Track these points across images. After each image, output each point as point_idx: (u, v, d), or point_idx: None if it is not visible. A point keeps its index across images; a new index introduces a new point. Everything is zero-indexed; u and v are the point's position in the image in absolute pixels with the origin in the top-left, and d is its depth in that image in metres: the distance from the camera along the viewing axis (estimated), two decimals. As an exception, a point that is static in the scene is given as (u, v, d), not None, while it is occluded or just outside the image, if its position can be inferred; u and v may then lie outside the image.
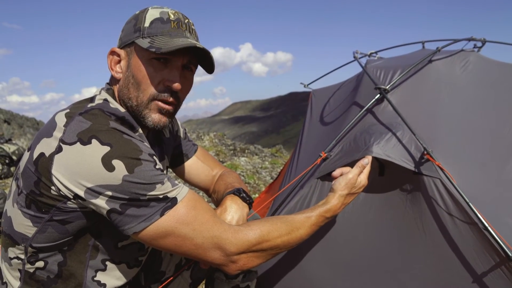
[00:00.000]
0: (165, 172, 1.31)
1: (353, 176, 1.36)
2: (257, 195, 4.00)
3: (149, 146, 1.07)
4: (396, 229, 1.56)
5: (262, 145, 8.52)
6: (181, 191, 1.02)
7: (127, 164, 0.93)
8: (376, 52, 2.57)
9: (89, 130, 0.95)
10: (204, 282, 1.51)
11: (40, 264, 1.06)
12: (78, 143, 0.93)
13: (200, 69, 1.20)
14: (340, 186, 1.34)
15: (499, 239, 1.26)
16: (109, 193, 0.92)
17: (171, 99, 1.11)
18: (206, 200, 3.86)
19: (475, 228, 1.34)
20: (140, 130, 1.14)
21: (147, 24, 1.08)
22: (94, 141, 0.93)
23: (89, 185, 0.92)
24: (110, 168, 0.92)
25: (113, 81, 1.16)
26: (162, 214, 0.97)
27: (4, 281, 1.12)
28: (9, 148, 5.17)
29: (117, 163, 0.92)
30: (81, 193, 0.93)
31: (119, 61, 1.12)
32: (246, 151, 6.70)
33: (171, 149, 1.46)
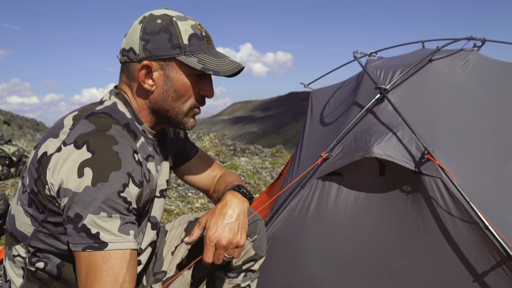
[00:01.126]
0: (165, 178, 1.31)
1: None
2: (257, 195, 4.01)
3: (144, 157, 1.10)
4: (397, 228, 1.56)
5: (262, 145, 8.52)
6: (118, 243, 0.94)
7: (94, 176, 0.92)
8: (376, 52, 2.57)
9: (86, 135, 0.96)
10: (205, 281, 1.52)
11: (40, 265, 1.07)
12: (72, 145, 0.95)
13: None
14: None
15: (500, 238, 1.26)
16: (66, 199, 0.92)
17: (203, 105, 1.21)
18: (205, 199, 3.86)
19: (476, 227, 1.34)
20: (143, 139, 1.15)
21: (186, 41, 1.10)
22: (84, 146, 0.95)
23: (62, 187, 0.93)
24: (80, 174, 0.92)
25: (140, 91, 1.14)
26: (84, 249, 0.92)
27: (8, 278, 1.13)
28: (9, 149, 5.16)
29: (87, 171, 0.92)
30: (58, 194, 0.94)
31: (146, 73, 1.11)
32: (246, 151, 6.70)
33: (174, 149, 1.46)
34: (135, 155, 1.04)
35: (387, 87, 1.71)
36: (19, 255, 1.08)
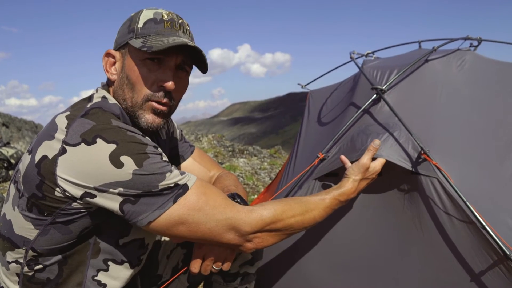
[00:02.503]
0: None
1: (366, 161, 1.41)
2: (255, 196, 4.00)
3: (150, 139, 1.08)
4: (395, 229, 1.55)
5: (261, 146, 8.52)
6: (190, 178, 1.04)
7: (136, 159, 0.94)
8: (373, 52, 2.56)
9: (92, 130, 0.96)
10: (202, 285, 1.51)
11: (39, 266, 1.05)
12: (83, 143, 0.94)
13: (198, 70, 1.20)
14: (354, 172, 1.39)
15: (497, 238, 1.26)
16: (121, 189, 0.94)
17: (165, 100, 1.11)
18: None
19: (472, 227, 1.34)
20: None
21: (140, 25, 1.09)
22: (99, 140, 0.94)
23: (99, 183, 0.93)
24: (118, 165, 0.93)
25: (109, 83, 1.17)
26: (175, 201, 0.98)
27: (1, 285, 1.11)
28: (8, 151, 5.16)
29: (125, 159, 0.94)
30: (90, 191, 0.94)
31: (114, 63, 1.14)
32: (245, 152, 6.70)
33: (167, 151, 1.46)
34: (146, 137, 1.06)
35: (384, 87, 1.71)
36: (15, 261, 1.06)
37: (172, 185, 0.98)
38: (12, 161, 5.13)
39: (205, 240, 1.06)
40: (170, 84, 1.09)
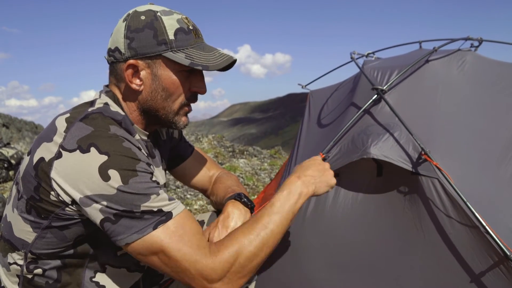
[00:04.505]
0: (162, 182, 1.31)
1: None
2: (255, 197, 4.00)
3: (146, 154, 1.08)
4: (395, 229, 1.55)
5: (261, 146, 8.51)
6: (177, 207, 1.01)
7: (122, 175, 0.93)
8: (373, 53, 2.56)
9: (89, 137, 0.95)
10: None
11: (38, 271, 1.06)
12: (78, 150, 0.93)
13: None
14: (296, 169, 1.33)
15: (497, 239, 1.26)
16: (104, 202, 0.92)
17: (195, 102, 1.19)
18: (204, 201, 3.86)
19: (473, 227, 1.34)
20: (137, 136, 1.14)
21: (171, 36, 1.06)
22: (92, 149, 0.93)
23: (86, 193, 0.92)
24: (105, 177, 0.92)
25: (128, 92, 1.13)
26: (155, 228, 0.95)
27: (2, 285, 1.12)
28: (8, 152, 5.16)
29: (112, 173, 0.92)
30: (77, 200, 0.93)
31: (133, 72, 1.10)
32: (245, 152, 6.70)
33: (168, 151, 1.46)
34: (142, 150, 1.05)
35: (384, 87, 1.71)
36: (15, 263, 1.07)
37: (155, 209, 0.95)
38: (12, 161, 5.13)
39: (174, 277, 1.00)
40: (204, 91, 1.16)
